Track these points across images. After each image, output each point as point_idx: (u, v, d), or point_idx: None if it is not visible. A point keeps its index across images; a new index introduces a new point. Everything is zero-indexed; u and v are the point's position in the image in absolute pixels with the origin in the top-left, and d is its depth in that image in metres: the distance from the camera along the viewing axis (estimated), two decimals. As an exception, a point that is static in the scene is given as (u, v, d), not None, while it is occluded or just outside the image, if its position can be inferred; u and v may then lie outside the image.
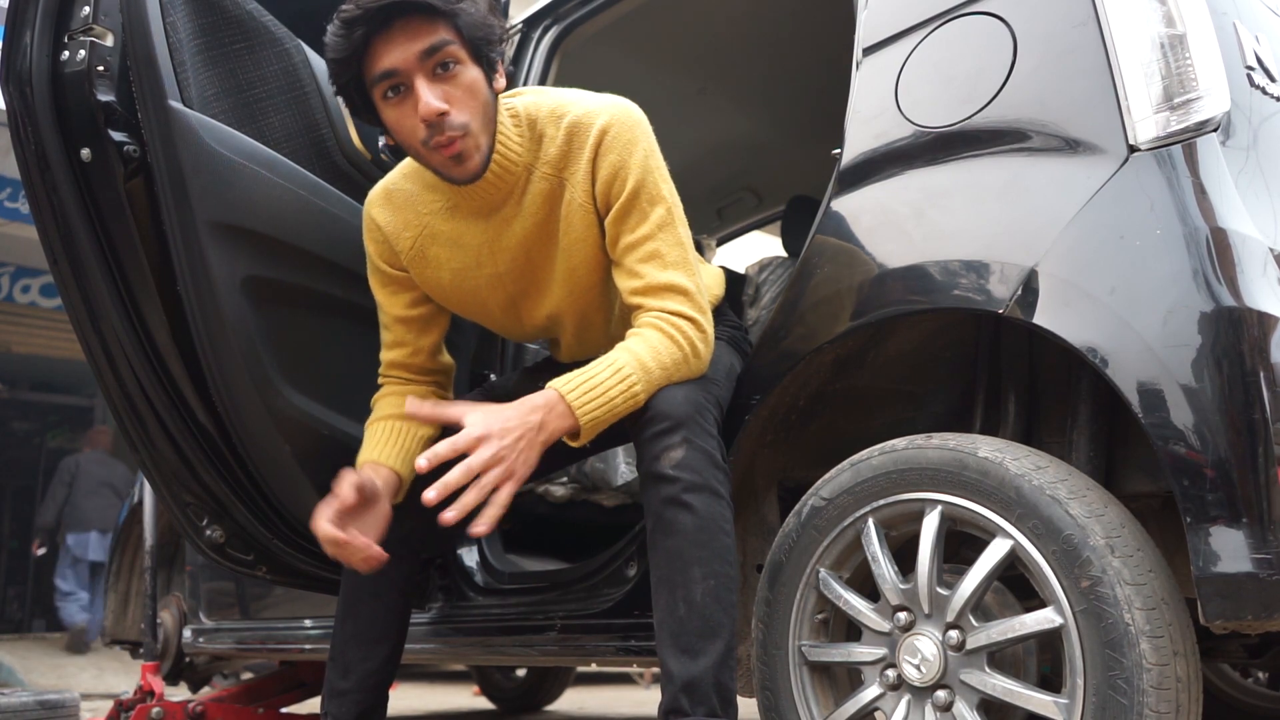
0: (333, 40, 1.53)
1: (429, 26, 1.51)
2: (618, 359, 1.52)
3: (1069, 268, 1.34)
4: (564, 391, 1.49)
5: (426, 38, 1.51)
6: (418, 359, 1.82)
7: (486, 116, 1.58)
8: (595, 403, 1.49)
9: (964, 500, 1.35)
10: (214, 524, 1.95)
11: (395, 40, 1.50)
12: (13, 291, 8.15)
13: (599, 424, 1.51)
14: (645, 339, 1.55)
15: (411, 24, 1.50)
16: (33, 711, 2.57)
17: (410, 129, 1.55)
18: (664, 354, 1.54)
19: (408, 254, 1.75)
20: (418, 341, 1.82)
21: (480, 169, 1.59)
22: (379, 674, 1.73)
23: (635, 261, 1.61)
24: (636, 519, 2.26)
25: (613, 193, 1.61)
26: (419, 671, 6.20)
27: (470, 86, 1.55)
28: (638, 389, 1.51)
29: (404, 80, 1.53)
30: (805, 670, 1.49)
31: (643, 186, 1.60)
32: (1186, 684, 1.21)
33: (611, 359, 1.52)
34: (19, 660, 6.34)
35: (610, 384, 1.49)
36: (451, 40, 1.52)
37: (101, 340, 1.80)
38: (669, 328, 1.56)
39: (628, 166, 1.60)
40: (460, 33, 1.52)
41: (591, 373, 1.51)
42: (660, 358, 1.53)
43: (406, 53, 1.50)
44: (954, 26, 1.60)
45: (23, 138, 1.71)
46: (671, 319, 1.57)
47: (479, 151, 1.58)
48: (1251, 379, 1.20)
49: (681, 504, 1.46)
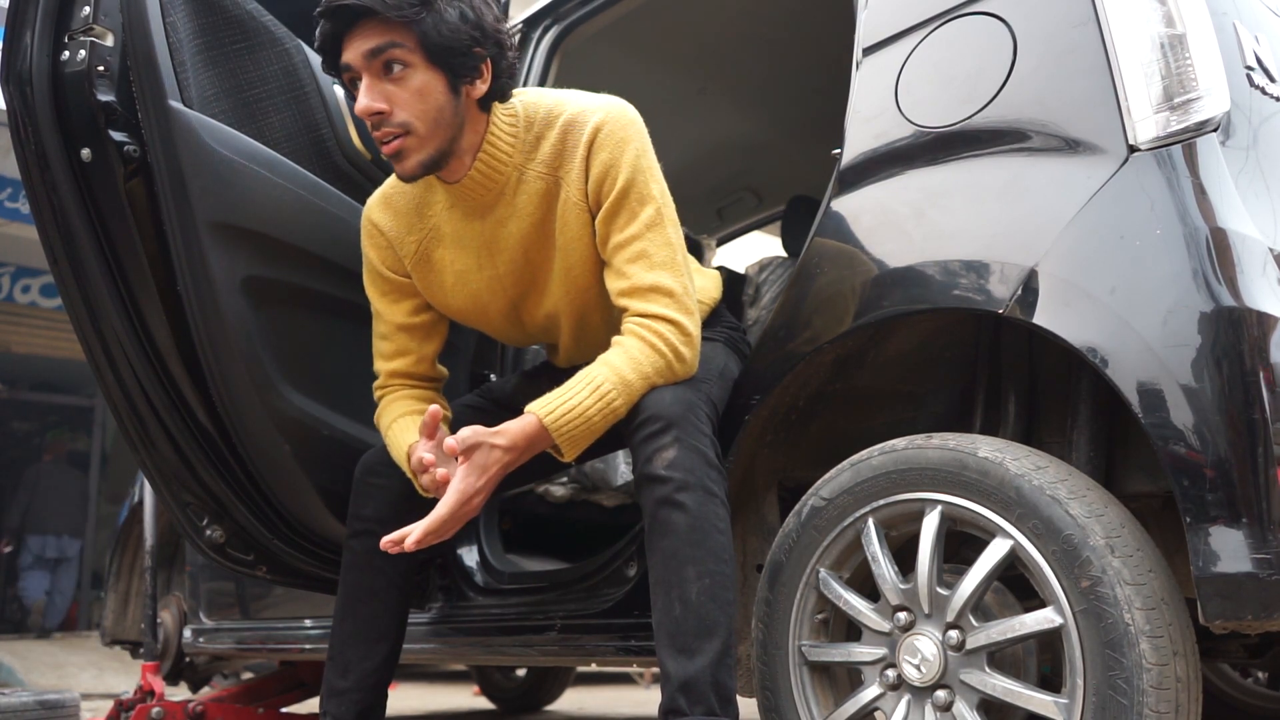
0: (318, 29, 1.60)
1: (383, 28, 1.55)
2: (596, 375, 1.56)
3: (1069, 268, 1.34)
4: (542, 415, 1.54)
5: (375, 38, 1.56)
6: (421, 367, 1.83)
7: (436, 121, 1.59)
8: (573, 424, 1.54)
9: (964, 500, 1.35)
10: (214, 524, 1.95)
11: (354, 38, 1.57)
12: (13, 291, 8.15)
13: (578, 442, 1.57)
14: (625, 350, 1.57)
15: (369, 25, 1.56)
16: (33, 711, 2.57)
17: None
18: (644, 363, 1.56)
19: (412, 258, 1.76)
20: (421, 349, 1.82)
21: (419, 170, 1.61)
22: (378, 673, 1.73)
23: (623, 262, 1.62)
24: (636, 519, 2.26)
25: (603, 191, 1.62)
26: (419, 671, 6.20)
27: (420, 90, 1.57)
28: (617, 403, 1.55)
29: (356, 76, 1.59)
30: (805, 670, 1.49)
31: (633, 185, 1.61)
32: (1186, 684, 1.21)
33: (590, 375, 1.56)
34: (19, 660, 6.34)
35: (588, 403, 1.54)
36: (401, 44, 1.55)
37: (101, 340, 1.80)
38: (649, 335, 1.58)
39: (619, 165, 1.61)
40: (418, 38, 1.55)
41: (569, 392, 1.55)
42: (641, 368, 1.56)
43: (357, 51, 1.57)
44: (954, 26, 1.60)
45: (23, 138, 1.71)
46: (653, 324, 1.59)
47: (419, 153, 1.60)
48: (1251, 379, 1.20)
49: (675, 504, 1.47)
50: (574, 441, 1.56)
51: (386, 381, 1.82)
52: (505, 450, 1.54)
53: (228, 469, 1.88)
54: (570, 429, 1.54)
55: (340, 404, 1.91)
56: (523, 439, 1.54)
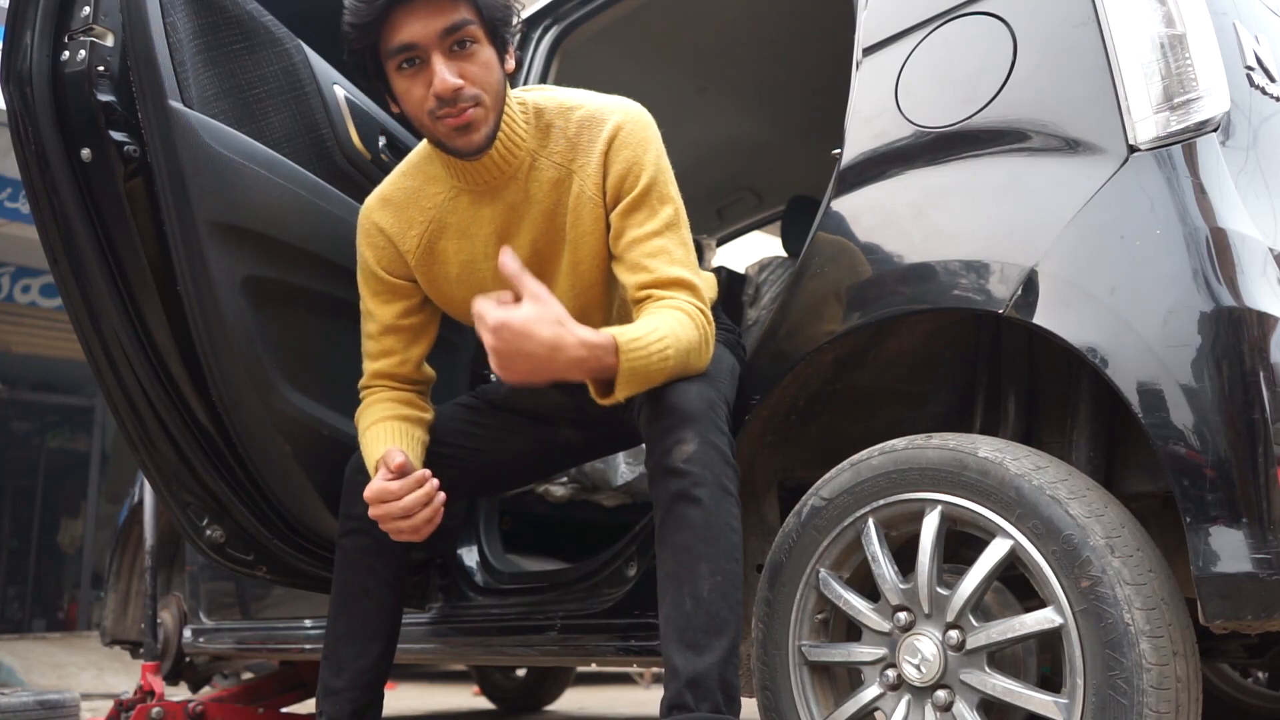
0: (354, 4, 1.56)
1: (450, 4, 1.55)
2: (653, 323, 1.51)
3: (1069, 268, 1.34)
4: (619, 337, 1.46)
5: (448, 15, 1.55)
6: (405, 369, 1.82)
7: (497, 95, 1.61)
8: (640, 357, 1.46)
9: (964, 500, 1.35)
10: (214, 524, 1.95)
11: (417, 14, 1.54)
12: (13, 291, 8.15)
13: (635, 380, 1.48)
14: (672, 314, 1.55)
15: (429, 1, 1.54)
16: (33, 711, 2.57)
17: (419, 100, 1.59)
18: (691, 330, 1.55)
19: (415, 253, 1.75)
20: (407, 351, 1.81)
21: (485, 142, 1.61)
22: (372, 671, 1.73)
23: (642, 256, 1.62)
24: (636, 519, 2.26)
25: (624, 187, 1.63)
26: (419, 671, 6.20)
27: (486, 64, 1.59)
28: (670, 358, 1.50)
29: (421, 54, 1.56)
30: (805, 670, 1.49)
31: (655, 184, 1.63)
32: (1186, 684, 1.21)
33: (653, 323, 1.51)
34: (19, 660, 6.34)
35: (652, 344, 1.48)
36: (471, 20, 1.56)
37: (101, 340, 1.79)
38: (688, 308, 1.57)
39: (642, 163, 1.63)
40: (480, 12, 1.57)
41: (635, 329, 1.49)
42: (689, 331, 1.54)
43: (428, 28, 1.54)
44: (954, 27, 1.60)
45: (23, 138, 1.70)
46: (688, 304, 1.58)
47: (487, 124, 1.60)
48: (1251, 379, 1.20)
49: (691, 499, 1.46)
50: (633, 377, 1.47)
51: (370, 381, 1.82)
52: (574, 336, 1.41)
53: (227, 469, 1.88)
54: (637, 360, 1.46)
55: (340, 404, 1.91)
56: (592, 344, 1.43)
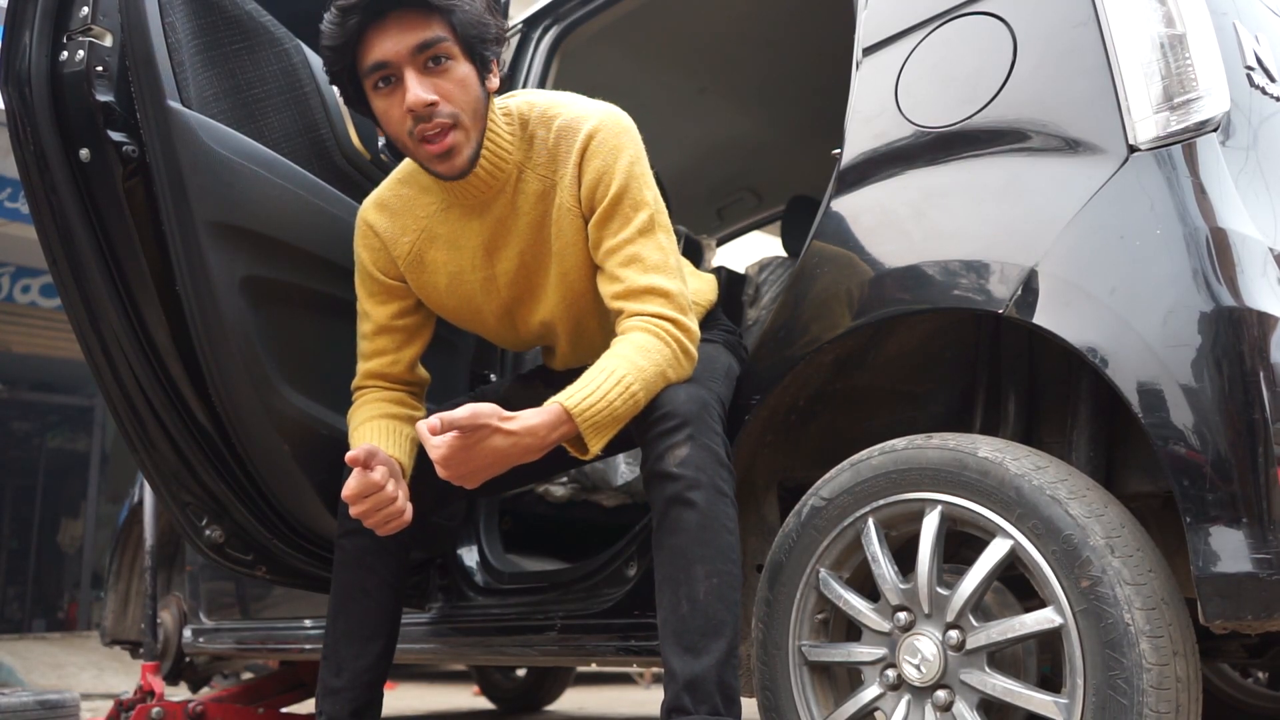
0: (328, 27, 1.56)
1: (423, 20, 1.53)
2: (613, 366, 1.52)
3: (1069, 268, 1.34)
4: (567, 404, 1.48)
5: (420, 32, 1.53)
6: (397, 369, 1.81)
7: (476, 113, 1.60)
8: (599, 412, 1.48)
9: (964, 500, 1.35)
10: (214, 524, 1.95)
11: (389, 31, 1.53)
12: (13, 291, 8.14)
13: (603, 431, 1.50)
14: (633, 342, 1.55)
15: (406, 17, 1.53)
16: (33, 711, 2.57)
17: (398, 120, 1.58)
18: (655, 354, 1.54)
19: (405, 259, 1.76)
20: (399, 352, 1.81)
21: (468, 165, 1.61)
22: (372, 671, 1.73)
23: (616, 266, 1.62)
24: (636, 519, 2.26)
25: (597, 196, 1.62)
26: (419, 671, 6.20)
27: (462, 81, 1.57)
28: (638, 393, 1.51)
29: (395, 72, 1.55)
30: (805, 670, 1.49)
31: (626, 191, 1.61)
32: (1186, 684, 1.21)
33: (607, 366, 1.52)
34: (19, 660, 6.34)
35: (612, 392, 1.49)
36: (444, 37, 1.54)
37: (101, 340, 1.79)
38: (653, 328, 1.57)
39: (612, 171, 1.61)
40: (454, 29, 1.55)
41: (591, 383, 1.50)
42: (653, 357, 1.54)
43: (399, 45, 1.53)
44: (954, 26, 1.60)
45: (22, 138, 1.70)
46: (655, 322, 1.58)
47: (469, 146, 1.59)
48: (1251, 379, 1.20)
49: (685, 502, 1.46)
50: (599, 430, 1.50)
51: (362, 381, 1.82)
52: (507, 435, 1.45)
53: (227, 469, 1.88)
54: (596, 417, 1.48)
55: (340, 404, 1.91)
56: (543, 427, 1.47)
